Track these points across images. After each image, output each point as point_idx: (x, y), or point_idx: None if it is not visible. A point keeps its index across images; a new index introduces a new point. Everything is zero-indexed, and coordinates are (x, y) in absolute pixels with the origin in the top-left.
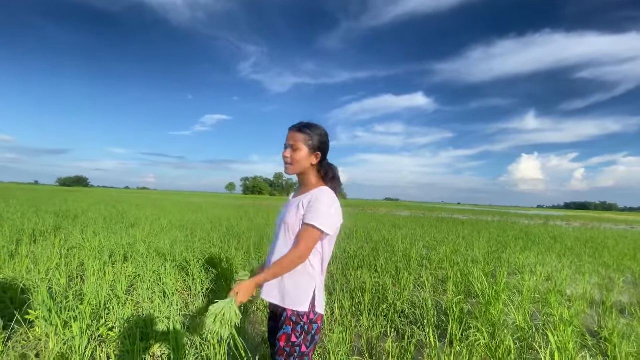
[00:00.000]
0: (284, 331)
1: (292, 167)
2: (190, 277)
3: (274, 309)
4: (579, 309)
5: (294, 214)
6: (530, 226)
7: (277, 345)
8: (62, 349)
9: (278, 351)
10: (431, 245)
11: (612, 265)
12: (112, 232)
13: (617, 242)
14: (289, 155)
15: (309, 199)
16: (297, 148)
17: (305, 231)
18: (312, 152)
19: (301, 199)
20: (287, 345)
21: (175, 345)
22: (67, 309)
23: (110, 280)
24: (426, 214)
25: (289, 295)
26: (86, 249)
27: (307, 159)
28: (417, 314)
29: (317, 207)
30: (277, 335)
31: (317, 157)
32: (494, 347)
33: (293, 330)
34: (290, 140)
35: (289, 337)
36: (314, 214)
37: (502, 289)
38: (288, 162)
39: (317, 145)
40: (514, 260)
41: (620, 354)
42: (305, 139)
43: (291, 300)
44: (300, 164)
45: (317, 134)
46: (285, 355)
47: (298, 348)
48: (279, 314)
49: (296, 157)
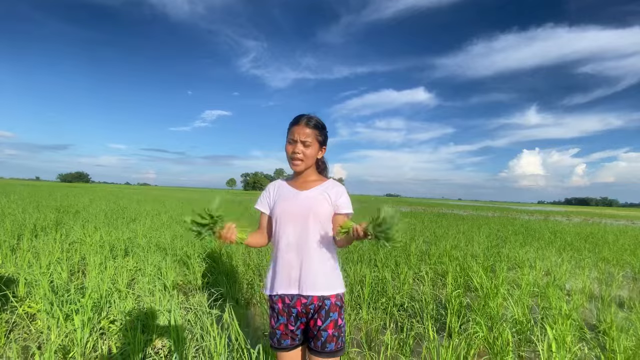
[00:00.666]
0: (331, 319)
1: (303, 164)
2: (191, 270)
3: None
4: (577, 303)
5: (322, 203)
6: (531, 221)
7: (325, 335)
8: (63, 341)
9: (327, 339)
10: (431, 240)
11: (611, 260)
12: (113, 227)
13: (618, 237)
14: (300, 151)
15: (335, 191)
16: (309, 144)
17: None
18: (320, 147)
19: (321, 190)
20: (335, 330)
21: (176, 337)
22: (68, 302)
23: (112, 274)
24: (426, 210)
25: (333, 281)
26: (87, 243)
27: (316, 154)
28: (416, 307)
29: (347, 197)
30: (323, 326)
31: (323, 151)
32: (492, 340)
33: (339, 315)
34: (301, 135)
35: (336, 322)
36: (348, 204)
37: (500, 283)
38: (299, 157)
39: (324, 140)
40: (514, 255)
41: (618, 347)
42: (316, 135)
43: (335, 285)
44: (312, 160)
45: (324, 129)
46: (335, 339)
47: (343, 328)
48: (317, 308)
49: (308, 153)
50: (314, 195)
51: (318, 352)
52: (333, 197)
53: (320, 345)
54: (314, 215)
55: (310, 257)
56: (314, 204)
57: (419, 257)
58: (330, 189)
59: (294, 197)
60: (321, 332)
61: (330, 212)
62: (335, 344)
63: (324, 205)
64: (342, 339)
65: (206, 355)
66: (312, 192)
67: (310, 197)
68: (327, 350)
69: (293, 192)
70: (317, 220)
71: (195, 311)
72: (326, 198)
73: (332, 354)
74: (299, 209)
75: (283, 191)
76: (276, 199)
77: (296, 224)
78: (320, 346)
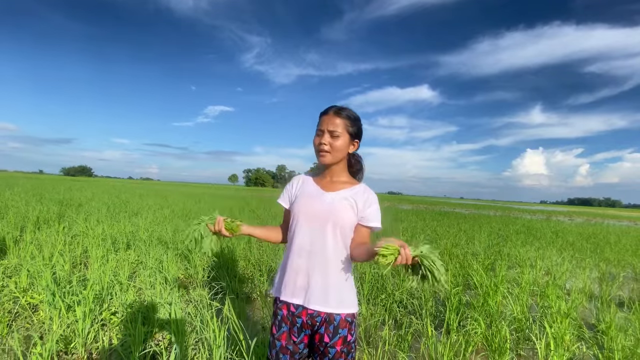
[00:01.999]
0: (340, 335)
1: (330, 156)
2: (192, 264)
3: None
4: (577, 302)
5: (346, 210)
6: (532, 221)
7: (332, 352)
8: (65, 332)
9: (335, 355)
10: (432, 238)
11: (613, 261)
12: (115, 220)
13: (620, 238)
14: (327, 142)
15: (365, 200)
16: (338, 135)
17: (370, 233)
18: (351, 139)
19: (349, 195)
20: (344, 346)
21: (176, 329)
22: (70, 293)
23: (113, 266)
24: (428, 208)
25: (344, 299)
26: (89, 236)
27: (346, 147)
28: (415, 304)
29: (377, 209)
30: (330, 343)
31: (355, 145)
32: (490, 337)
33: (349, 331)
34: (329, 125)
35: (345, 339)
36: (378, 217)
37: (500, 281)
38: (326, 149)
39: (357, 132)
40: (514, 254)
41: (616, 347)
42: (346, 125)
43: (347, 304)
44: (341, 152)
45: (357, 119)
46: (345, 356)
47: (353, 344)
48: (324, 322)
49: (337, 145)
50: (339, 199)
51: None
52: (360, 205)
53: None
54: (335, 222)
55: (322, 267)
56: (337, 208)
57: None
58: (359, 195)
59: (317, 196)
60: (328, 348)
61: (354, 221)
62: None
63: (348, 213)
64: (352, 356)
65: (205, 347)
66: (338, 195)
67: (334, 200)
68: None
69: (317, 191)
70: (337, 228)
71: (195, 304)
72: (352, 205)
73: None
74: (319, 211)
75: (307, 187)
76: (298, 195)
77: (313, 228)
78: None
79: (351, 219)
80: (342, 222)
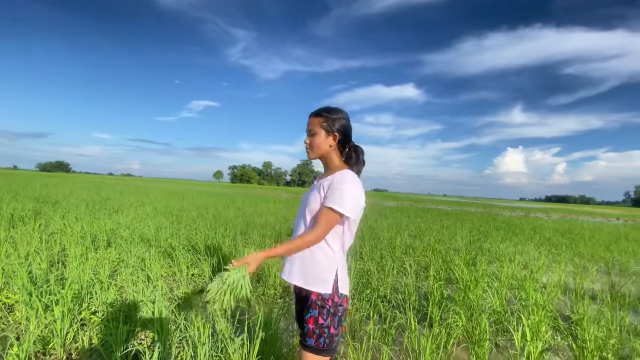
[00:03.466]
0: (311, 314)
1: (311, 152)
2: (175, 262)
3: (299, 291)
4: (552, 295)
5: (314, 198)
6: (512, 218)
7: (306, 328)
8: (43, 332)
9: (308, 333)
10: (415, 234)
11: (586, 255)
12: (94, 217)
13: (593, 233)
14: (307, 140)
15: (330, 182)
16: (314, 132)
17: (324, 213)
18: (328, 134)
19: (322, 182)
20: (315, 327)
21: (159, 328)
22: (48, 292)
23: (93, 265)
24: (412, 205)
25: (311, 277)
26: (68, 234)
27: (324, 142)
28: (399, 298)
29: (338, 189)
30: (305, 318)
31: (334, 138)
32: (471, 329)
33: (320, 314)
34: (308, 126)
35: (316, 320)
36: (334, 196)
37: (480, 276)
38: (306, 147)
39: (333, 126)
40: (494, 249)
41: (589, 337)
42: (320, 122)
43: (314, 282)
44: (320, 148)
45: (333, 115)
46: (315, 337)
47: (327, 329)
48: (305, 296)
49: (314, 142)
50: (313, 189)
51: (301, 343)
52: (325, 189)
53: (302, 335)
54: (309, 210)
55: None
56: (309, 198)
57: (404, 250)
58: (329, 180)
59: (308, 190)
60: (304, 323)
61: (318, 205)
62: (315, 341)
63: (316, 200)
64: (325, 340)
65: (190, 345)
66: (315, 185)
67: (313, 189)
68: (307, 344)
69: (314, 184)
70: (308, 214)
71: (179, 302)
72: (321, 190)
73: (312, 350)
74: (302, 202)
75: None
76: None
77: (298, 217)
78: (302, 336)
79: (316, 202)
80: (311, 208)
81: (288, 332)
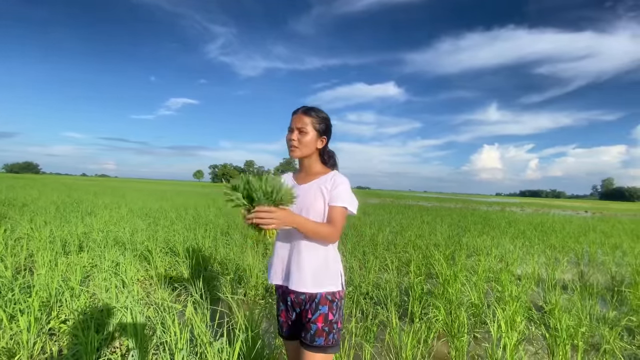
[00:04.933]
0: (320, 312)
1: (298, 150)
2: (152, 266)
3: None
4: (526, 287)
5: (316, 198)
6: (489, 212)
7: (314, 328)
8: (8, 344)
9: (317, 333)
10: (397, 230)
11: (558, 247)
12: (65, 221)
13: (564, 226)
14: (295, 138)
15: (332, 183)
16: (305, 131)
17: (339, 213)
18: (319, 135)
19: (319, 183)
20: (325, 324)
21: (134, 335)
22: (13, 301)
23: (63, 271)
24: (394, 202)
25: (324, 279)
26: (35, 239)
27: (314, 142)
28: (381, 295)
29: (346, 190)
30: (312, 318)
31: (322, 141)
32: (450, 323)
33: (330, 309)
34: (297, 123)
35: (326, 317)
36: (345, 197)
37: (459, 270)
38: (295, 144)
39: (324, 129)
40: (472, 243)
41: (561, 326)
42: (313, 122)
43: (327, 284)
44: (308, 147)
45: (324, 117)
46: (325, 335)
47: (335, 325)
48: (308, 300)
49: (304, 140)
50: (310, 189)
51: (307, 345)
52: (329, 188)
53: (309, 338)
54: (307, 210)
55: (300, 252)
56: (308, 197)
57: (386, 246)
58: (328, 180)
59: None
60: (310, 324)
61: (322, 205)
62: (325, 339)
63: (318, 200)
64: (334, 336)
65: (167, 351)
66: (310, 185)
67: (306, 190)
68: (316, 345)
69: (293, 185)
70: (308, 216)
71: (156, 307)
72: (322, 191)
73: (321, 349)
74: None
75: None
76: None
77: None
78: (309, 339)
79: (321, 204)
80: (313, 208)
81: (270, 334)
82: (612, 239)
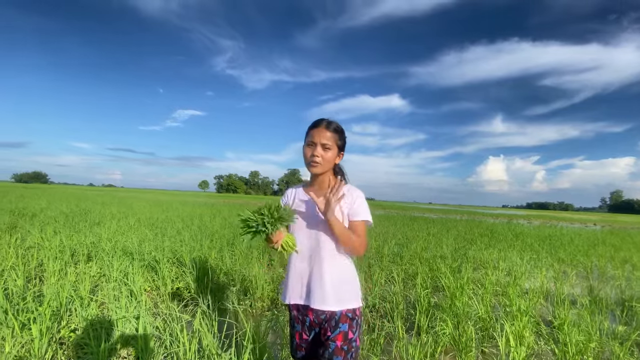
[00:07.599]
0: (340, 330)
1: (321, 167)
2: (160, 276)
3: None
4: (535, 301)
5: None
6: (495, 224)
7: (332, 346)
8: (19, 352)
9: (335, 351)
10: (403, 242)
11: (566, 260)
12: (74, 230)
13: (572, 239)
14: (319, 154)
15: (351, 198)
16: (329, 148)
17: (361, 226)
18: (339, 151)
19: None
20: (344, 343)
21: (143, 345)
22: (25, 310)
23: (73, 280)
24: (399, 213)
25: (344, 295)
26: (45, 248)
27: (334, 158)
28: (387, 307)
29: (362, 203)
30: (331, 336)
31: (341, 156)
32: (457, 337)
33: (350, 327)
34: (322, 139)
35: (346, 335)
36: (364, 210)
37: (466, 283)
38: (318, 160)
39: (343, 145)
40: (479, 256)
41: (570, 341)
42: (336, 139)
43: (348, 300)
44: (330, 164)
45: (343, 132)
46: (344, 354)
47: (354, 343)
48: (328, 318)
49: (327, 157)
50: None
51: None
52: (348, 203)
53: (327, 355)
54: (325, 224)
55: (321, 268)
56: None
57: (391, 259)
58: (346, 195)
59: (308, 204)
60: (329, 342)
61: (344, 220)
62: (344, 358)
63: (337, 214)
64: (352, 355)
65: None
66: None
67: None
68: None
69: (308, 200)
70: (328, 230)
71: (164, 317)
72: (340, 205)
73: None
74: (311, 217)
75: (300, 197)
76: (293, 205)
77: (309, 233)
78: (327, 356)
79: (340, 218)
80: None
81: (276, 346)
82: (621, 253)
